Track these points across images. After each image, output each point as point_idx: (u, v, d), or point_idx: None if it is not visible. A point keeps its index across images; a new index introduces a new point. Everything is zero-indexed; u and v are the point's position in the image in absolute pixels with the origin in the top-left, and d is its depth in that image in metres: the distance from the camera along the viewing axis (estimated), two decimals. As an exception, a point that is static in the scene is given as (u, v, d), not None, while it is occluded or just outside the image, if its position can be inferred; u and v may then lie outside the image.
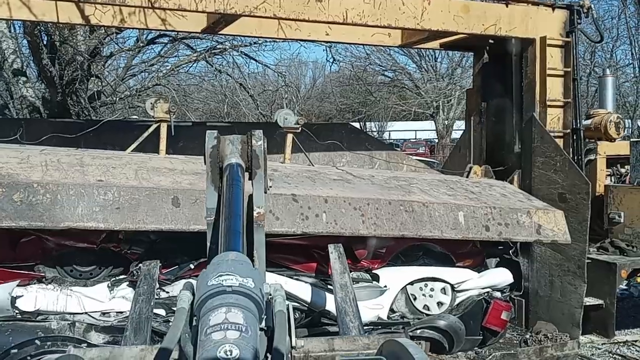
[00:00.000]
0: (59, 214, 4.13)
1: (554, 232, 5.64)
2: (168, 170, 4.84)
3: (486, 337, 5.95)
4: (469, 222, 5.31)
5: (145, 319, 4.14)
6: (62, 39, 9.88)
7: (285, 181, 5.05)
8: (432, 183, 5.92)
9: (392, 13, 5.68)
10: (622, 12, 24.67)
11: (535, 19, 6.36)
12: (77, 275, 4.73)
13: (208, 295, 1.67)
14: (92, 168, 4.63)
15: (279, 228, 4.60)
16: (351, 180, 5.53)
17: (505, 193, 6.06)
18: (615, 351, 7.75)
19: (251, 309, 1.67)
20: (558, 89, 6.46)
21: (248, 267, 1.84)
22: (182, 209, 4.39)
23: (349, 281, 3.03)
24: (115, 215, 4.25)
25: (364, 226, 4.90)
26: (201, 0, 5.04)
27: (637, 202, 6.73)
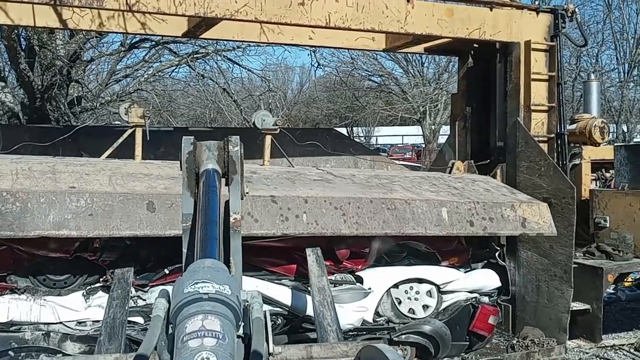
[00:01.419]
0: (29, 223, 4.02)
1: (539, 225, 5.62)
2: (143, 175, 4.74)
3: (473, 342, 5.91)
4: (452, 217, 5.26)
5: (119, 324, 4.09)
6: (41, 43, 9.72)
7: (264, 183, 4.97)
8: (414, 180, 5.86)
9: (376, 17, 5.63)
10: (607, 16, 24.86)
11: (520, 23, 6.34)
12: (50, 284, 4.60)
13: (184, 303, 1.67)
14: (65, 175, 4.52)
15: (258, 230, 4.52)
16: (332, 180, 5.45)
17: (489, 187, 6.03)
18: (602, 355, 7.72)
19: (228, 316, 1.67)
20: (542, 94, 6.44)
21: (224, 274, 1.84)
22: (157, 214, 4.29)
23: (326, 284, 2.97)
24: (89, 222, 4.14)
25: (345, 225, 4.83)
26: (180, 4, 4.95)
27: (622, 207, 6.71)
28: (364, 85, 32.90)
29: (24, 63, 9.33)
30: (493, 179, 6.48)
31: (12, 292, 4.48)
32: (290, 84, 46.14)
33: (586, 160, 7.74)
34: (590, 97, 8.72)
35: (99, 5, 4.80)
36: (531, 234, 5.73)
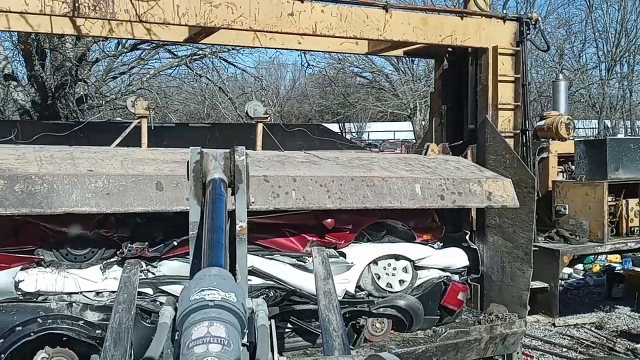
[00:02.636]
0: (55, 201, 4.56)
1: (503, 198, 6.24)
2: (150, 160, 5.30)
3: (443, 317, 6.57)
4: (425, 192, 5.84)
5: (125, 329, 4.35)
6: (53, 47, 10.35)
7: (258, 165, 5.52)
8: (392, 161, 6.47)
9: (357, 25, 6.26)
10: (588, 16, 25.58)
11: (488, 30, 6.98)
12: (72, 258, 5.22)
13: (190, 310, 1.68)
14: (82, 161, 5.08)
15: (252, 206, 5.03)
16: (317, 162, 6.05)
17: (459, 166, 6.64)
18: (565, 332, 8.50)
19: (233, 323, 1.67)
20: (509, 94, 7.08)
21: (230, 282, 1.84)
22: (165, 192, 4.82)
23: (332, 288, 2.93)
24: (106, 200, 4.68)
25: (329, 200, 5.39)
26: (184, 15, 5.59)
27: (579, 196, 7.40)
28: (355, 82, 33.44)
29: (37, 65, 9.95)
30: (464, 159, 7.09)
31: (39, 265, 5.11)
32: (283, 80, 46.66)
33: (553, 154, 8.40)
34: (558, 95, 9.41)
35: (112, 16, 5.43)
36: (496, 206, 6.34)
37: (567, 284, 11.24)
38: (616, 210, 7.46)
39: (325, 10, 6.08)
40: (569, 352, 7.66)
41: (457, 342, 6.39)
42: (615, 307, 9.53)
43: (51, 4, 5.17)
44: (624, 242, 7.42)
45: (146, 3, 5.45)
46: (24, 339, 4.85)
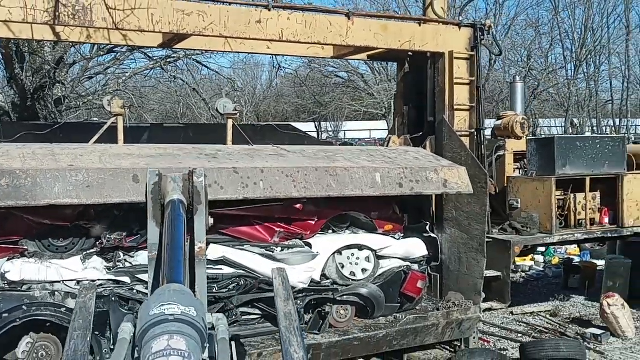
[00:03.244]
0: (39, 194, 4.88)
1: (458, 185, 6.67)
2: (127, 155, 5.63)
3: (403, 304, 7.00)
4: (385, 181, 6.24)
5: (81, 356, 4.53)
6: (32, 50, 10.65)
7: (228, 158, 5.88)
8: (354, 153, 6.88)
9: (321, 32, 6.70)
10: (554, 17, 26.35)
11: (445, 36, 7.46)
12: (54, 249, 5.55)
13: (150, 325, 1.66)
14: (63, 156, 5.38)
15: (223, 195, 5.40)
16: (284, 154, 6.42)
17: (418, 157, 7.06)
18: (522, 320, 9.05)
19: (194, 337, 1.67)
20: (464, 95, 7.58)
21: (190, 297, 1.84)
22: (141, 185, 5.09)
23: (293, 309, 2.91)
24: (86, 192, 5.00)
25: (295, 190, 5.76)
26: (158, 22, 5.98)
27: (530, 191, 7.93)
28: (330, 81, 33.91)
29: (18, 68, 10.24)
30: (424, 149, 7.53)
31: (23, 255, 5.46)
32: (259, 80, 46.95)
33: (509, 152, 8.91)
34: (515, 96, 9.94)
35: (90, 24, 5.80)
36: (451, 192, 6.78)
37: (527, 276, 11.83)
38: (565, 204, 8.00)
39: (291, 17, 6.51)
40: (524, 337, 8.18)
41: (416, 327, 6.84)
42: (570, 297, 10.10)
43: (33, 13, 5.53)
44: (572, 234, 7.97)
45: (122, 12, 5.83)
46: (10, 325, 5.19)
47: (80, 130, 8.14)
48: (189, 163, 5.57)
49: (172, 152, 5.95)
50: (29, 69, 10.71)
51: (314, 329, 6.41)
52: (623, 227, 8.20)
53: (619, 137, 9.52)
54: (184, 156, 5.84)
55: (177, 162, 5.59)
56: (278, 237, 6.24)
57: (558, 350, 6.72)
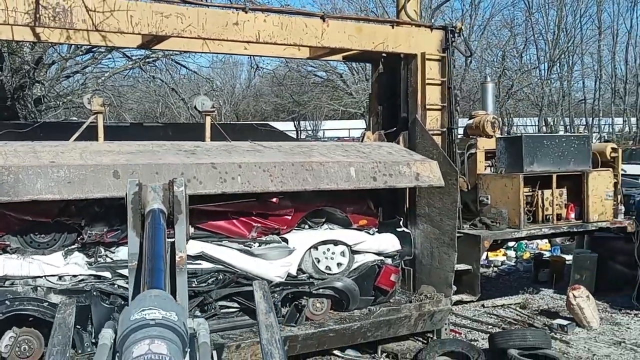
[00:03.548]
0: (22, 190, 5.00)
1: (430, 178, 6.89)
2: (107, 151, 5.75)
3: (377, 297, 7.23)
4: (359, 175, 6.43)
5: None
6: (11, 51, 10.69)
7: (206, 154, 6.03)
8: (330, 148, 7.08)
9: (297, 34, 6.90)
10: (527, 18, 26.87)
11: (417, 38, 7.71)
12: (36, 245, 5.68)
13: (131, 330, 1.66)
14: (44, 153, 5.49)
15: (202, 190, 5.55)
16: (261, 150, 6.58)
17: (392, 151, 7.27)
18: (493, 312, 9.35)
19: (175, 341, 1.67)
20: (436, 95, 7.83)
21: (171, 302, 1.84)
22: (121, 180, 5.27)
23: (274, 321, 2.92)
24: (68, 188, 5.12)
25: (272, 184, 5.93)
26: (137, 24, 6.13)
27: (499, 187, 8.22)
28: (309, 81, 34.13)
29: (-3, 68, 10.33)
30: (397, 144, 7.74)
31: (5, 251, 5.59)
32: (238, 79, 47.01)
33: (480, 150, 9.19)
34: (486, 96, 10.25)
35: (70, 25, 5.94)
36: (423, 185, 6.98)
37: (499, 270, 12.16)
38: (533, 200, 8.31)
39: (267, 20, 6.70)
40: (494, 328, 8.47)
41: (390, 319, 7.08)
42: (540, 290, 10.43)
43: (14, 15, 5.65)
44: (539, 228, 8.27)
45: (102, 14, 5.98)
46: (-7, 320, 5.34)
47: (59, 129, 8.23)
48: (168, 159, 5.72)
49: (151, 149, 6.09)
50: (9, 69, 10.77)
51: (290, 321, 6.62)
52: (588, 222, 8.54)
53: (584, 135, 9.89)
54: (163, 152, 5.99)
55: (156, 158, 5.74)
56: (256, 232, 6.43)
57: (525, 340, 7.01)
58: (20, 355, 5.49)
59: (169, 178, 5.30)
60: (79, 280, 5.75)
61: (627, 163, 20.62)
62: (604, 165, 8.97)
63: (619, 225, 8.86)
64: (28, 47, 11.26)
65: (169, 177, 5.33)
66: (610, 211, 8.72)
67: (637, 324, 8.64)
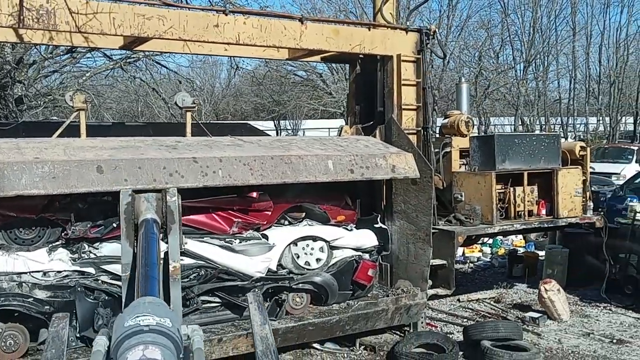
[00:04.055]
0: (7, 185, 5.09)
1: (405, 170, 7.10)
2: (90, 147, 5.86)
3: (355, 291, 7.44)
4: (337, 167, 6.61)
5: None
6: (-8, 51, 10.77)
7: (187, 149, 6.17)
8: (308, 142, 7.26)
9: (276, 36, 7.08)
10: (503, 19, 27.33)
11: (392, 40, 7.93)
12: (21, 242, 5.80)
13: (125, 336, 1.67)
14: (28, 150, 5.58)
15: (184, 184, 5.66)
16: (241, 144, 6.72)
17: (368, 144, 7.47)
18: (468, 306, 9.62)
19: (169, 347, 1.67)
20: (411, 96, 8.06)
21: (165, 309, 1.85)
22: (105, 175, 5.39)
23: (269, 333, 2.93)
24: (52, 183, 5.22)
25: (252, 177, 6.07)
26: (119, 26, 6.27)
27: (473, 185, 8.48)
28: (289, 80, 34.27)
29: (-22, 69, 10.35)
30: (374, 138, 7.94)
31: None
32: (218, 78, 46.99)
33: (455, 149, 9.42)
34: (460, 96, 10.51)
35: (53, 27, 6.06)
36: (399, 177, 7.19)
37: (475, 266, 12.46)
38: (505, 197, 8.58)
39: (247, 22, 6.88)
40: (468, 322, 8.73)
41: (367, 313, 7.28)
42: (514, 284, 10.73)
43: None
44: (511, 224, 8.55)
45: (85, 16, 6.11)
46: (-22, 315, 5.45)
47: (40, 128, 8.35)
48: (151, 154, 5.85)
49: (133, 144, 6.22)
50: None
51: (271, 315, 6.79)
52: (558, 218, 8.83)
53: (553, 134, 10.22)
54: (145, 147, 6.12)
55: (139, 153, 5.86)
56: (236, 227, 6.59)
57: (497, 331, 7.28)
58: (6, 350, 5.61)
59: (151, 173, 5.55)
60: (64, 276, 5.88)
61: (600, 161, 21.19)
62: (573, 163, 9.27)
63: (588, 221, 9.17)
64: (9, 48, 11.30)
65: (151, 172, 5.56)
66: (580, 207, 9.03)
67: (606, 316, 8.98)
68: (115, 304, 6.06)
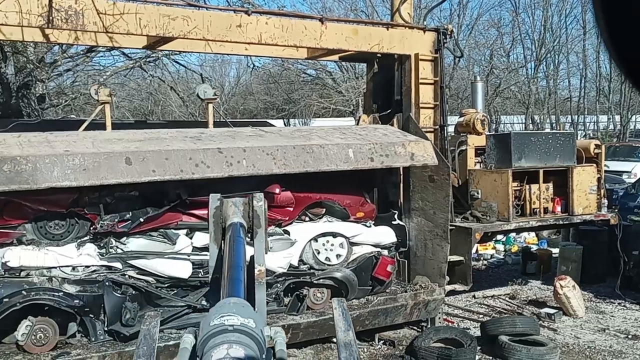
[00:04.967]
0: (40, 178, 5.22)
1: (424, 157, 7.17)
2: (117, 140, 5.99)
3: (374, 287, 7.58)
4: (357, 156, 6.68)
5: None
6: (16, 50, 10.90)
7: (212, 140, 6.28)
8: (328, 131, 7.35)
9: (297, 35, 7.21)
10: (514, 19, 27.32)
11: (410, 39, 8.04)
12: (50, 237, 5.96)
13: (210, 335, 1.72)
14: (58, 143, 5.71)
15: (210, 174, 5.80)
16: (263, 135, 6.84)
17: (387, 133, 7.55)
18: (483, 302, 9.71)
19: (252, 348, 1.70)
20: (429, 94, 8.17)
21: (249, 310, 1.88)
22: (133, 166, 5.52)
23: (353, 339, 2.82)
24: (83, 175, 5.35)
25: (275, 166, 6.17)
26: (145, 26, 6.41)
27: (489, 182, 8.57)
28: (299, 79, 34.37)
29: (4, 67, 10.50)
30: (391, 126, 8.04)
31: (21, 243, 5.85)
32: (228, 77, 47.15)
33: (470, 147, 9.53)
34: (475, 95, 10.60)
35: (82, 28, 6.20)
36: (418, 164, 7.25)
37: (489, 263, 12.54)
38: (521, 194, 8.67)
39: (269, 22, 7.00)
40: (485, 317, 8.82)
41: (386, 308, 7.42)
42: (528, 281, 10.80)
43: (28, 17, 5.91)
44: (527, 221, 8.64)
45: (112, 16, 6.25)
46: (10, 309, 5.59)
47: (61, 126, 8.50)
48: (176, 145, 5.98)
49: (158, 136, 6.34)
50: (13, 67, 10.98)
51: (292, 310, 6.93)
52: (573, 215, 8.91)
53: (569, 132, 10.28)
54: (170, 139, 6.23)
55: (165, 144, 5.98)
56: None
57: (514, 326, 7.38)
58: (36, 343, 5.76)
59: (178, 163, 5.68)
60: (92, 271, 6.02)
61: (611, 160, 21.17)
62: (588, 161, 9.34)
63: (603, 218, 9.25)
64: (32, 47, 11.47)
65: (178, 163, 5.70)
66: (594, 205, 9.10)
67: (621, 312, 9.05)
68: (141, 299, 6.21)
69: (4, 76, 10.70)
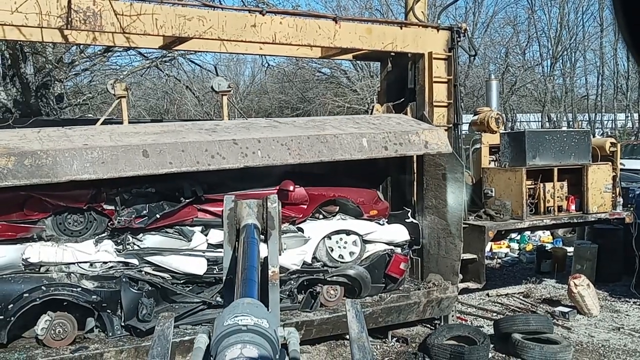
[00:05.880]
0: (60, 171, 5.33)
1: (438, 145, 7.17)
2: (134, 133, 6.09)
3: (388, 284, 7.62)
4: (371, 145, 6.69)
5: None
6: (35, 51, 11.10)
7: (226, 131, 6.34)
8: (342, 121, 7.38)
9: (311, 35, 7.26)
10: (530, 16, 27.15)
11: (424, 38, 8.06)
12: (69, 233, 6.08)
13: (224, 334, 1.74)
14: (76, 137, 5.82)
15: (226, 165, 5.86)
16: (277, 126, 6.88)
17: (400, 122, 7.56)
18: (497, 301, 9.72)
19: (265, 347, 1.72)
20: (443, 93, 8.19)
21: (263, 310, 1.90)
22: (150, 158, 5.60)
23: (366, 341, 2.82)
24: (102, 168, 5.45)
25: (290, 157, 6.21)
26: (161, 27, 6.50)
27: (503, 180, 8.58)
28: (314, 77, 34.43)
29: (24, 67, 10.70)
30: (405, 115, 8.04)
31: (41, 239, 5.98)
32: (242, 75, 47.34)
33: (485, 145, 9.54)
34: (490, 93, 10.58)
35: (100, 29, 6.31)
36: (432, 152, 7.25)
37: (503, 262, 12.53)
38: (535, 193, 8.66)
39: (283, 22, 7.06)
40: (498, 316, 8.83)
41: (400, 305, 7.46)
42: (542, 280, 10.79)
43: (47, 19, 6.02)
44: (540, 219, 8.63)
45: (129, 17, 6.35)
46: (31, 304, 5.72)
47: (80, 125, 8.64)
48: (192, 137, 6.05)
49: (174, 129, 6.42)
50: (33, 68, 11.18)
51: (306, 307, 7.00)
52: (588, 213, 8.89)
53: (584, 130, 10.22)
54: (186, 132, 6.31)
55: (181, 137, 6.06)
56: None
57: (528, 325, 7.39)
58: (55, 338, 5.89)
59: (194, 155, 5.78)
60: (109, 267, 6.13)
61: (629, 158, 20.99)
62: (603, 159, 9.30)
63: (618, 216, 9.21)
64: (50, 47, 11.66)
65: (194, 154, 5.79)
66: (609, 203, 9.07)
67: (636, 311, 9.01)
68: (158, 295, 6.32)
69: (24, 76, 10.92)
